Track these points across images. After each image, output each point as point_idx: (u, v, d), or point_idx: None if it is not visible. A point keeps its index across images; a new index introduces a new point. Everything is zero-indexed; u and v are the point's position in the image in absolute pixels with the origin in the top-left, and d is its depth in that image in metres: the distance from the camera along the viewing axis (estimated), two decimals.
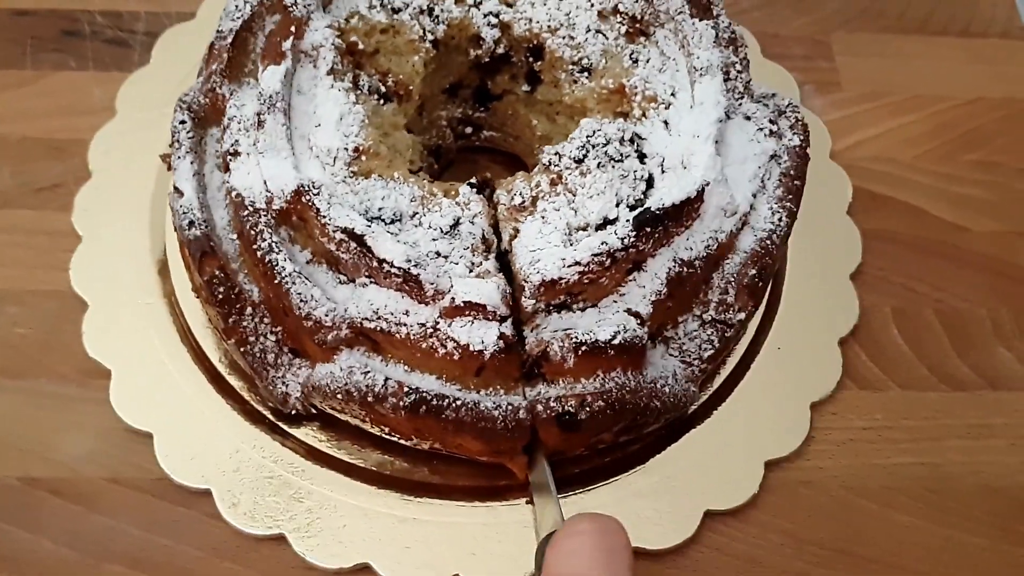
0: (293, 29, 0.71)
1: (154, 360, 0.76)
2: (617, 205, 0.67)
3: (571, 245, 0.66)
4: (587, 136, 0.70)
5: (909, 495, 0.76)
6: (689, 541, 0.72)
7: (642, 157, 0.70)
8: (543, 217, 0.67)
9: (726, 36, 0.75)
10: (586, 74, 0.77)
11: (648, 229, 0.64)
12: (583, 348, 0.63)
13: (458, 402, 0.64)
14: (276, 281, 0.65)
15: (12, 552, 0.71)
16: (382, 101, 0.75)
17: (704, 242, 0.68)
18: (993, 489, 0.77)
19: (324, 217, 0.64)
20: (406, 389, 0.64)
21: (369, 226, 0.64)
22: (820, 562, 0.74)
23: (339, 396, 0.66)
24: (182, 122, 0.72)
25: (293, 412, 0.71)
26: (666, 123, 0.72)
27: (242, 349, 0.69)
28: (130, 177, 0.85)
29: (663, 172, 0.69)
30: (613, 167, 0.68)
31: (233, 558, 0.71)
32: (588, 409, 0.64)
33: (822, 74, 0.99)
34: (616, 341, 0.63)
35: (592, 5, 0.78)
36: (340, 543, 0.70)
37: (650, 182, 0.69)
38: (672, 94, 0.73)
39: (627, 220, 0.65)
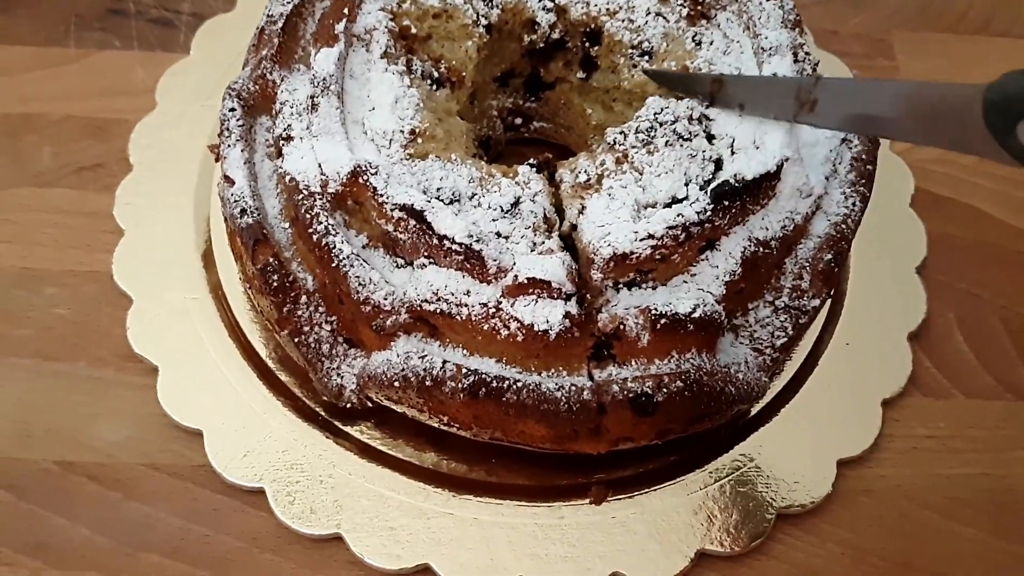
0: (346, 12, 0.70)
1: (202, 356, 0.74)
2: (686, 185, 0.64)
3: (642, 220, 0.63)
4: (655, 113, 0.67)
5: (972, 507, 0.74)
6: (749, 547, 0.70)
7: (710, 139, 0.67)
8: (610, 194, 0.64)
9: (791, 18, 0.72)
10: (647, 58, 0.74)
11: (726, 203, 0.62)
12: (662, 322, 0.60)
13: (519, 384, 0.61)
14: (333, 265, 0.63)
15: (49, 539, 0.68)
16: (435, 87, 0.73)
17: (780, 222, 0.65)
18: None
19: (382, 196, 0.62)
20: (464, 371, 0.61)
21: (429, 202, 0.62)
22: (878, 575, 0.71)
23: (396, 384, 0.63)
24: (232, 110, 0.70)
25: (348, 406, 0.68)
26: None
27: (296, 340, 0.67)
28: (171, 170, 0.83)
29: (732, 154, 0.66)
30: (682, 146, 0.66)
31: (274, 549, 0.69)
32: (665, 391, 0.61)
33: (883, 72, 0.96)
34: (696, 315, 0.60)
35: None
36: (398, 543, 0.67)
37: (718, 164, 0.66)
38: None
39: (704, 193, 0.62)
